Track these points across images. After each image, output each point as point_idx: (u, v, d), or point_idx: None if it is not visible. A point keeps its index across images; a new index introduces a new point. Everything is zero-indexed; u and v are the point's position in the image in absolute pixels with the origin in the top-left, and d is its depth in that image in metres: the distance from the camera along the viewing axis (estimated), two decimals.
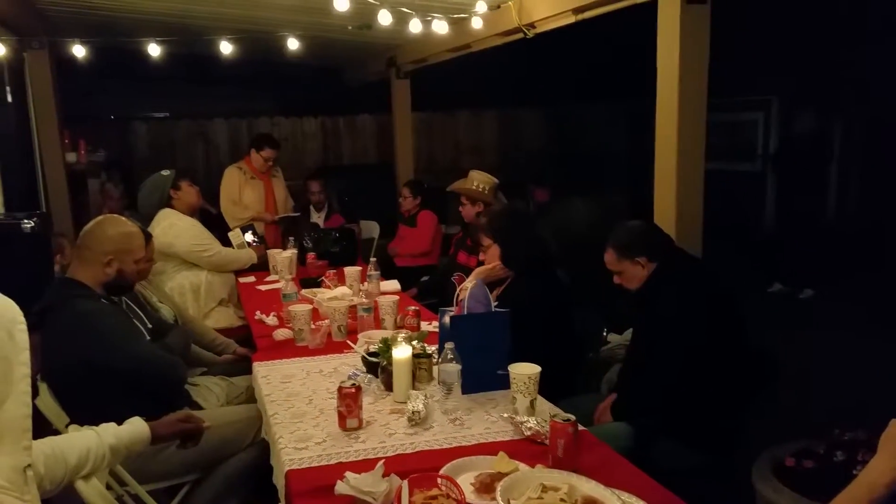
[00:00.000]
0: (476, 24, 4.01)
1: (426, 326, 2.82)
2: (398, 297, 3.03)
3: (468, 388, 2.10)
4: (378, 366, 2.21)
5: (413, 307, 2.93)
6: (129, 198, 5.28)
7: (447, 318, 2.23)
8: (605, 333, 3.07)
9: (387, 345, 2.20)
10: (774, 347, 2.49)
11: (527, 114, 8.83)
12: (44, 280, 2.91)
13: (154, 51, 4.83)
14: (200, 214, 4.16)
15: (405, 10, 3.69)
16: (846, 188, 6.92)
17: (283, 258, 4.02)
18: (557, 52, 6.20)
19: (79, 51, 4.86)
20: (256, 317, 3.17)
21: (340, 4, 3.25)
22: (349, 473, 1.57)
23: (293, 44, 4.76)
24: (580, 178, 7.54)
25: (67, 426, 2.02)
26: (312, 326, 2.73)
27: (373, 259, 3.68)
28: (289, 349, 2.69)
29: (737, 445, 2.34)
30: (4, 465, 0.97)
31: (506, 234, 2.77)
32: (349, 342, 2.62)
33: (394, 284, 3.70)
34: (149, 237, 2.49)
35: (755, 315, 2.54)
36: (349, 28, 4.35)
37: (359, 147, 8.45)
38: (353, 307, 2.91)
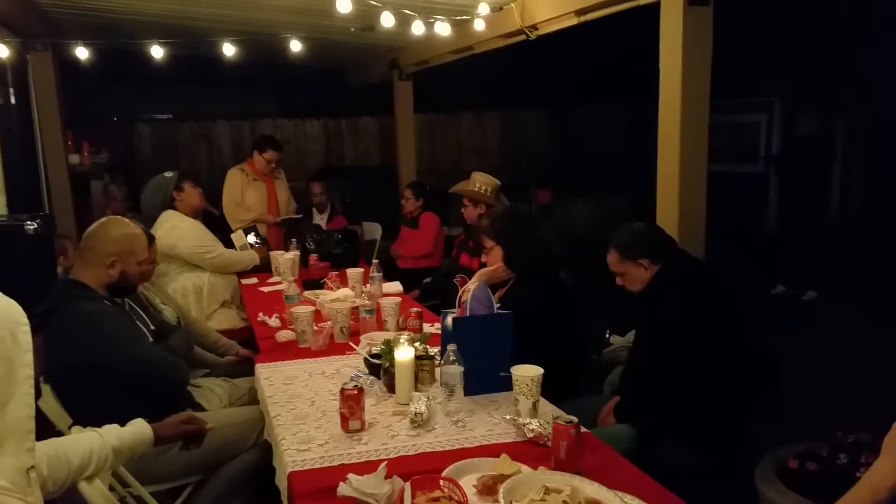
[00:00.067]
0: (478, 26, 4.01)
1: (428, 328, 2.82)
2: (400, 299, 3.03)
3: (470, 390, 2.10)
4: (380, 367, 2.22)
5: (415, 309, 2.93)
6: (132, 199, 5.28)
7: (449, 320, 2.23)
8: (608, 335, 3.07)
9: (389, 346, 2.20)
10: (777, 349, 2.48)
11: (529, 115, 8.83)
12: (47, 282, 2.91)
13: (157, 53, 4.85)
14: (203, 216, 4.16)
15: (407, 12, 3.69)
16: (849, 189, 6.90)
17: (286, 260, 4.02)
18: (560, 54, 6.21)
19: (82, 53, 4.89)
20: (259, 318, 3.18)
21: (343, 6, 3.25)
22: (352, 475, 1.57)
23: (296, 46, 4.77)
24: (582, 180, 7.55)
25: (70, 427, 2.02)
26: (315, 328, 2.73)
27: (375, 261, 3.68)
28: (291, 351, 2.70)
29: (740, 447, 2.34)
30: (8, 467, 0.98)
31: (508, 236, 2.77)
32: (351, 344, 2.62)
33: (396, 286, 3.70)
34: (152, 239, 2.50)
35: (758, 317, 2.54)
36: (352, 30, 4.36)
37: (361, 149, 8.45)
38: (356, 309, 2.92)
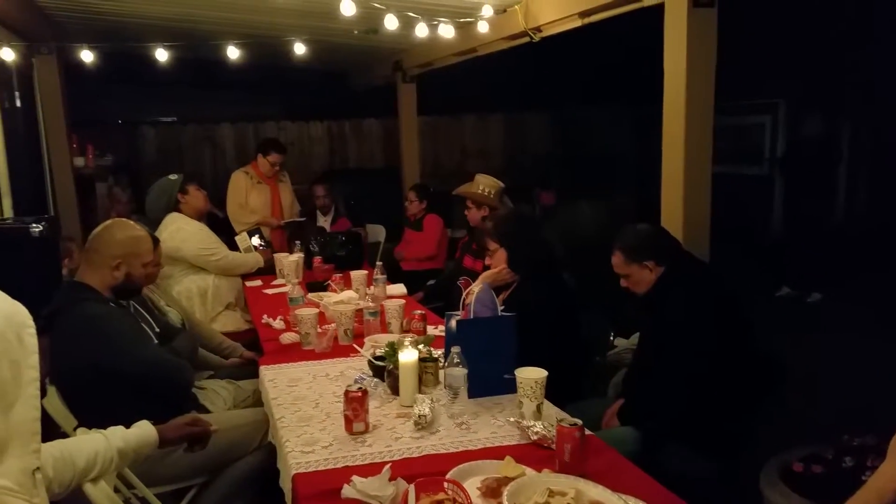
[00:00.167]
0: (482, 28, 4.02)
1: (432, 330, 2.82)
2: (404, 301, 3.04)
3: (474, 392, 2.10)
4: (384, 370, 2.22)
5: (419, 311, 2.93)
6: (137, 202, 5.30)
7: (453, 322, 2.23)
8: (612, 337, 3.06)
9: (393, 349, 2.20)
10: (782, 351, 2.48)
11: (533, 117, 8.83)
12: (52, 284, 2.92)
13: (161, 56, 4.86)
14: (207, 218, 4.17)
15: (411, 15, 3.70)
16: (854, 191, 6.88)
17: (290, 262, 4.03)
18: (563, 56, 6.21)
19: (87, 56, 4.90)
20: (263, 320, 3.18)
21: (347, 9, 3.26)
22: (356, 477, 1.57)
23: (300, 48, 4.78)
24: (586, 182, 7.54)
25: (75, 429, 2.02)
26: (319, 330, 2.74)
27: (379, 263, 3.69)
28: (295, 353, 2.70)
29: (744, 450, 2.33)
30: (13, 468, 0.98)
31: (512, 238, 2.77)
32: (355, 346, 2.63)
33: (400, 288, 3.70)
34: (156, 241, 2.50)
35: (763, 319, 2.54)
36: (355, 32, 4.37)
37: (365, 151, 8.46)
38: (360, 311, 2.92)
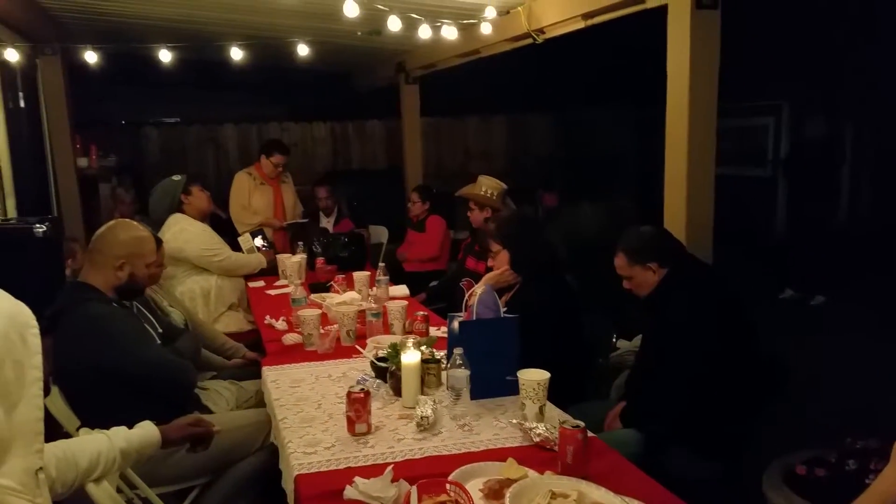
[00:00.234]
0: (485, 30, 4.02)
1: (435, 332, 2.82)
2: (407, 302, 3.04)
3: (477, 394, 2.10)
4: (387, 371, 2.22)
5: (422, 312, 2.93)
6: (140, 202, 5.31)
7: (456, 324, 2.23)
8: (615, 339, 3.06)
9: (395, 350, 2.20)
10: (785, 354, 2.47)
11: (536, 119, 8.83)
12: (55, 284, 2.92)
13: (165, 57, 4.87)
14: (210, 219, 4.18)
15: (414, 16, 3.70)
16: (857, 193, 6.87)
17: (293, 263, 4.04)
18: (566, 58, 6.20)
19: (91, 57, 4.91)
20: (266, 321, 3.19)
21: (350, 10, 3.26)
22: (358, 478, 1.57)
23: (303, 49, 4.79)
24: (589, 184, 7.54)
25: (78, 429, 2.03)
26: (321, 331, 2.74)
27: (381, 264, 3.69)
28: (298, 354, 2.70)
29: (747, 453, 2.33)
30: (17, 468, 0.98)
31: (514, 240, 2.77)
32: (358, 347, 2.63)
33: (402, 289, 3.70)
34: (160, 242, 2.51)
35: (766, 321, 2.53)
36: (359, 34, 4.37)
37: (368, 152, 8.47)
38: (362, 312, 2.92)
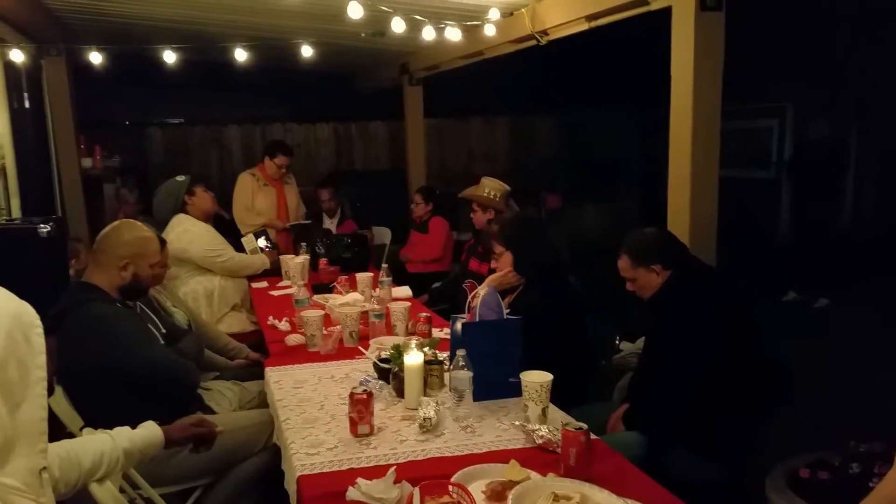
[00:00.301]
0: (489, 32, 4.02)
1: (438, 333, 2.82)
2: (410, 304, 3.04)
3: (480, 396, 2.10)
4: (389, 372, 2.22)
5: (424, 313, 2.93)
6: (144, 203, 5.32)
7: (459, 325, 2.23)
8: (618, 341, 3.05)
9: (398, 351, 2.20)
10: (789, 356, 2.46)
11: (539, 120, 8.83)
12: (59, 284, 2.94)
13: (169, 58, 4.88)
14: (214, 220, 4.18)
15: (418, 18, 3.70)
16: (861, 195, 6.86)
17: (296, 264, 4.04)
18: (570, 59, 6.20)
19: (95, 58, 4.92)
20: (269, 322, 3.19)
21: (354, 12, 3.26)
22: (361, 479, 1.57)
23: (307, 51, 4.79)
24: (592, 185, 7.53)
25: (82, 429, 2.03)
26: (324, 332, 2.74)
27: (384, 265, 3.69)
28: (301, 354, 2.70)
29: (750, 455, 2.32)
30: (21, 468, 0.98)
31: (518, 242, 2.77)
32: (361, 348, 2.62)
33: (405, 291, 3.70)
34: (164, 243, 2.52)
35: (769, 324, 2.52)
36: (362, 35, 4.37)
37: (371, 153, 8.48)
38: (365, 313, 2.92)
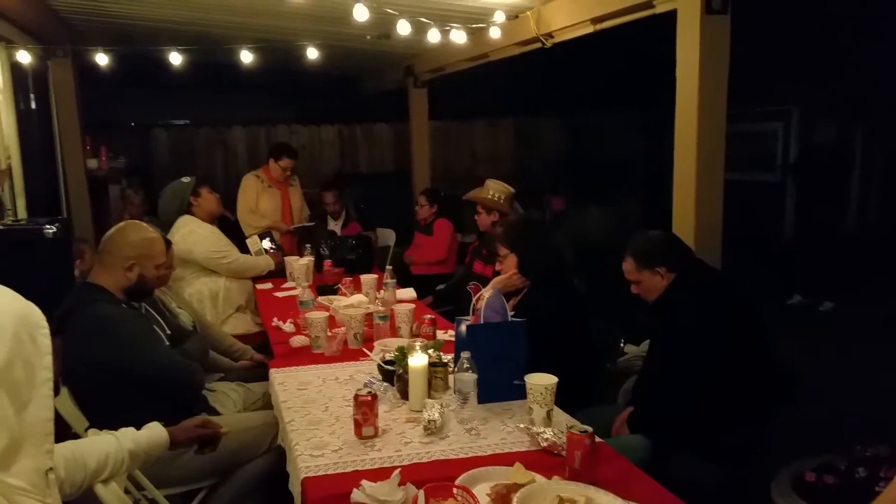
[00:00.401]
0: (494, 34, 4.02)
1: (442, 335, 2.82)
2: (414, 306, 3.03)
3: (484, 398, 2.09)
4: (394, 374, 2.22)
5: (429, 315, 2.93)
6: (149, 204, 5.33)
7: (464, 327, 2.23)
8: (622, 344, 3.05)
9: (403, 353, 2.20)
10: (794, 360, 2.46)
11: (543, 123, 8.83)
12: (65, 285, 2.94)
13: (175, 59, 4.90)
14: (218, 221, 4.19)
15: (424, 20, 3.70)
16: (867, 198, 6.84)
17: (300, 265, 4.04)
18: (575, 62, 6.20)
19: (101, 59, 4.95)
20: (273, 323, 3.19)
21: (360, 14, 3.27)
22: (365, 482, 1.57)
23: (312, 53, 4.80)
24: (596, 187, 7.53)
25: (87, 430, 2.03)
26: (329, 334, 2.74)
27: (389, 267, 3.68)
28: (305, 356, 2.70)
29: (756, 459, 2.31)
30: (27, 468, 0.98)
31: (522, 244, 2.77)
32: (365, 350, 2.63)
33: (410, 292, 3.70)
34: (169, 244, 2.52)
35: (774, 327, 2.51)
36: (368, 38, 4.38)
37: (375, 155, 8.49)
38: (369, 315, 2.92)
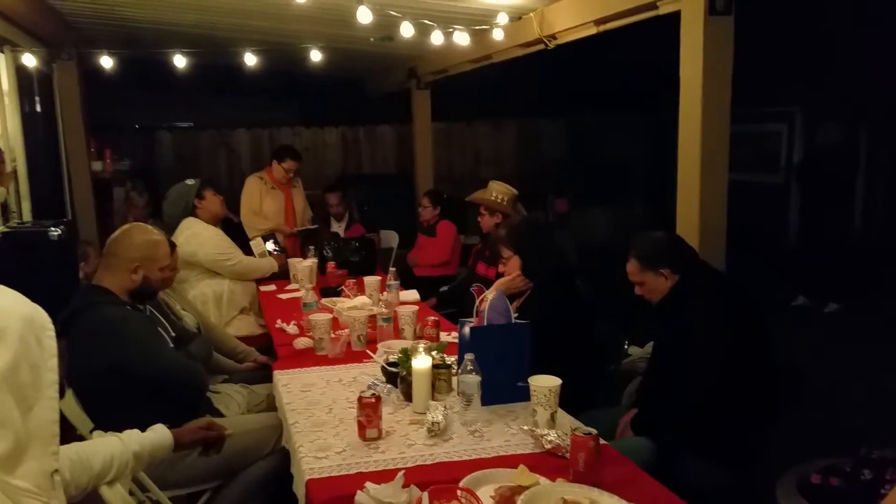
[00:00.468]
0: (497, 36, 4.02)
1: (445, 337, 2.82)
2: (417, 307, 3.04)
3: (488, 400, 2.09)
4: (397, 376, 2.22)
5: (432, 317, 2.93)
6: (154, 206, 5.35)
7: (467, 329, 2.23)
8: (626, 346, 3.04)
9: (406, 355, 2.20)
10: (799, 362, 2.45)
11: (546, 124, 8.82)
12: (69, 287, 2.96)
13: (179, 62, 4.91)
14: (222, 223, 4.19)
15: (427, 22, 3.70)
16: (872, 200, 6.81)
17: (304, 267, 4.05)
18: (578, 63, 6.20)
19: (106, 62, 4.96)
20: (277, 325, 3.19)
21: (363, 17, 3.27)
22: (369, 484, 1.57)
23: (315, 55, 4.81)
24: (600, 189, 7.52)
25: (91, 432, 2.04)
26: (332, 335, 2.74)
27: (392, 269, 3.69)
28: (309, 358, 2.71)
29: (761, 461, 2.30)
30: (33, 470, 0.99)
31: (526, 246, 2.77)
32: (369, 352, 2.63)
33: (413, 294, 3.70)
34: (173, 246, 2.53)
35: (779, 329, 2.51)
36: (371, 40, 4.38)
37: (379, 157, 8.50)
38: (373, 317, 2.92)
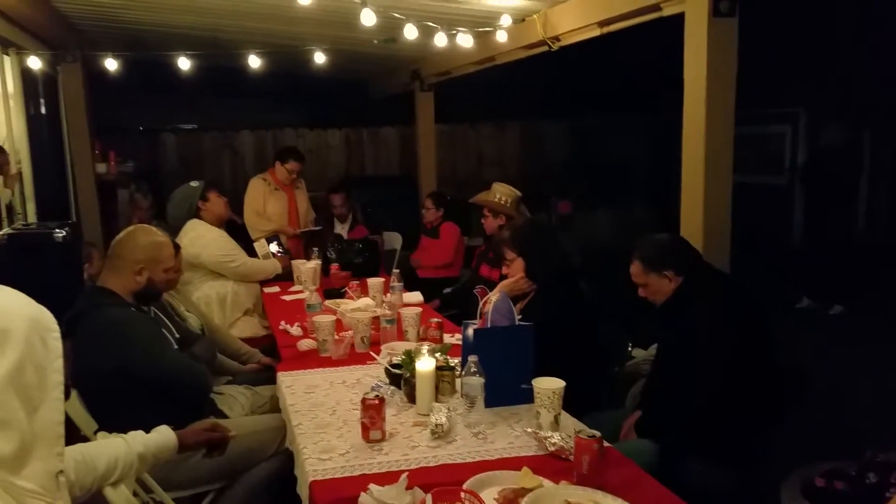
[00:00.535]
0: (501, 38, 4.02)
1: (449, 339, 2.82)
2: (421, 309, 3.04)
3: (491, 402, 2.09)
4: (401, 378, 2.22)
5: (436, 319, 2.93)
6: (158, 208, 5.36)
7: (471, 331, 2.22)
8: (630, 348, 3.04)
9: (410, 357, 2.20)
10: (803, 364, 2.44)
11: (550, 126, 8.82)
12: (74, 288, 2.96)
13: (183, 64, 4.93)
14: (226, 225, 4.20)
15: (430, 24, 3.71)
16: (876, 201, 6.79)
17: (307, 269, 4.05)
18: (581, 65, 6.20)
19: (111, 64, 4.99)
20: (281, 327, 3.20)
21: (367, 19, 3.27)
22: (373, 485, 1.57)
23: (319, 57, 4.82)
24: (603, 191, 7.51)
25: (96, 433, 2.05)
26: (336, 337, 2.74)
27: (395, 270, 3.69)
28: (313, 359, 2.71)
29: (765, 464, 2.30)
30: (38, 471, 0.99)
31: (529, 248, 2.77)
32: (372, 353, 2.63)
33: (416, 296, 3.70)
34: (178, 247, 2.54)
35: (783, 331, 2.50)
36: (374, 42, 4.39)
37: (382, 159, 8.51)
38: (376, 318, 2.92)
